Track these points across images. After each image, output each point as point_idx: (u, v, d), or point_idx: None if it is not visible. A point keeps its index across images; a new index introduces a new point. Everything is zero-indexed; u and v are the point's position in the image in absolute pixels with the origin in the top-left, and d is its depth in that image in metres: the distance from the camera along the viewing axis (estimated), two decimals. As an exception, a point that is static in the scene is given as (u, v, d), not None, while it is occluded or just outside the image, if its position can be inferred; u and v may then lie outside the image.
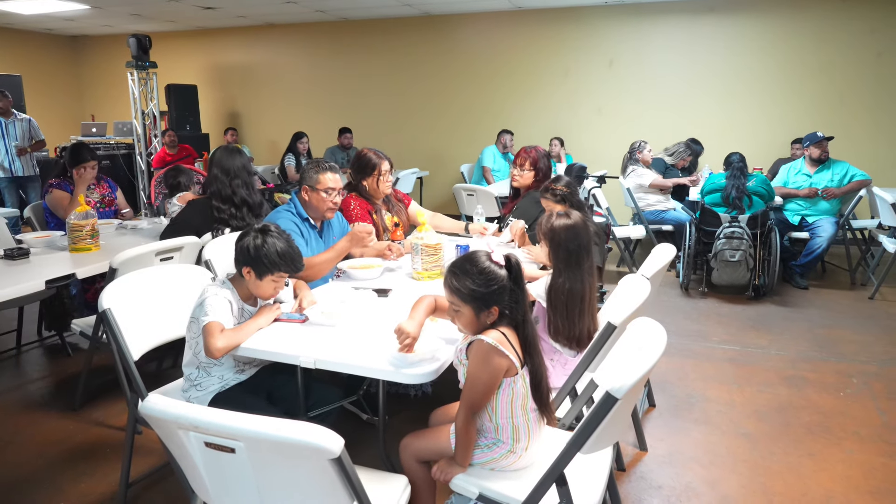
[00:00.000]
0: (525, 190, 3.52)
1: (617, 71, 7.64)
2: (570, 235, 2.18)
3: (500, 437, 1.75)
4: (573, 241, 2.16)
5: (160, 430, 1.31)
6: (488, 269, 1.68)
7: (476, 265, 1.69)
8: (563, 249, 2.19)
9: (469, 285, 1.67)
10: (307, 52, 9.15)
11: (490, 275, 1.67)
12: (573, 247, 2.15)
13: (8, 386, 3.39)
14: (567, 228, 2.19)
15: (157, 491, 2.43)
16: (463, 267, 1.71)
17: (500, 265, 1.69)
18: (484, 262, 1.69)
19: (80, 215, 3.14)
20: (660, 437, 2.81)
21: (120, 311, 2.07)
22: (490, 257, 1.71)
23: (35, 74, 9.30)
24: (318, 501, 1.30)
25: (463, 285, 1.68)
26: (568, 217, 2.21)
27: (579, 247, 2.16)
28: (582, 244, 2.17)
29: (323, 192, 2.67)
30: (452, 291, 1.71)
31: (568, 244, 2.16)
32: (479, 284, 1.67)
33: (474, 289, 1.67)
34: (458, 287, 1.69)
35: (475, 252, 1.75)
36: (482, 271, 1.68)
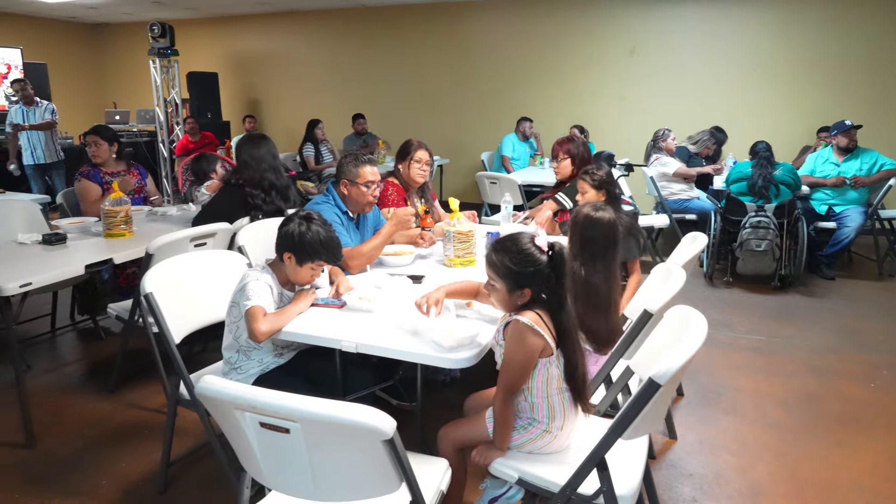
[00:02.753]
0: (569, 179, 3.54)
1: (639, 59, 7.57)
2: (589, 225, 2.19)
3: (536, 417, 1.77)
4: (592, 231, 2.16)
5: (215, 410, 1.35)
6: (527, 251, 1.70)
7: (516, 244, 1.73)
8: (580, 237, 2.20)
9: (506, 262, 1.71)
10: (326, 40, 9.15)
11: (528, 256, 1.70)
12: (589, 237, 2.16)
13: (45, 368, 3.47)
14: (588, 219, 2.19)
15: (194, 471, 2.49)
16: (504, 244, 1.75)
17: (542, 250, 1.71)
18: (525, 243, 1.72)
19: (114, 202, 3.20)
20: (689, 426, 2.82)
21: (160, 295, 2.11)
22: (533, 240, 1.73)
23: (60, 63, 9.40)
24: (369, 481, 1.33)
25: (500, 261, 1.72)
26: (595, 210, 2.21)
27: (596, 240, 2.16)
28: (601, 238, 2.17)
29: (363, 186, 2.68)
30: (490, 265, 1.75)
31: (585, 233, 2.17)
32: (515, 263, 1.70)
33: (510, 266, 1.70)
34: (496, 261, 1.73)
35: (520, 233, 1.78)
36: (521, 251, 1.71)
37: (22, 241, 3.10)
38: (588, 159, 3.50)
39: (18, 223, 3.58)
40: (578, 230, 2.23)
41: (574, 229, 2.23)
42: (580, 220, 2.24)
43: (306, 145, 7.30)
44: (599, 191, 2.87)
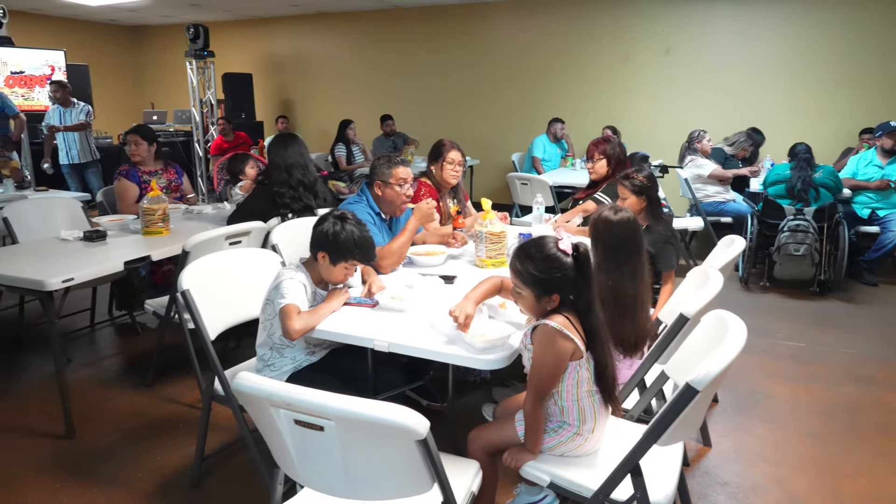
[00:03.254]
0: (604, 180, 3.51)
1: (675, 58, 7.45)
2: (609, 230, 2.15)
3: (566, 420, 1.75)
4: (612, 235, 2.12)
5: (251, 406, 1.36)
6: (552, 256, 1.68)
7: (541, 251, 1.70)
8: (602, 245, 2.15)
9: (531, 270, 1.68)
10: (356, 41, 9.22)
11: (554, 262, 1.67)
12: (611, 242, 2.12)
13: (84, 362, 3.56)
14: (607, 223, 2.15)
15: (227, 466, 2.52)
16: (528, 251, 1.72)
17: (566, 253, 1.68)
18: (550, 248, 1.69)
19: (152, 200, 3.26)
20: (724, 434, 2.76)
21: (197, 292, 2.14)
22: (557, 244, 1.70)
23: (101, 64, 9.65)
24: (402, 480, 1.33)
25: (525, 269, 1.69)
26: (614, 212, 2.17)
27: (618, 243, 2.12)
28: (623, 241, 2.12)
29: (397, 186, 2.69)
30: (515, 273, 1.73)
31: (607, 239, 2.13)
32: (541, 270, 1.67)
33: (536, 274, 1.67)
34: (521, 270, 1.70)
35: (543, 237, 1.75)
36: (546, 257, 1.68)
37: (64, 237, 3.19)
38: (624, 160, 3.46)
39: (61, 220, 3.69)
40: (599, 237, 2.18)
41: (595, 236, 2.19)
42: (599, 226, 2.19)
43: (338, 146, 7.37)
44: (640, 196, 2.82)
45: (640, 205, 2.85)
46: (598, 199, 3.42)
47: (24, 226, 3.54)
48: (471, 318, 1.87)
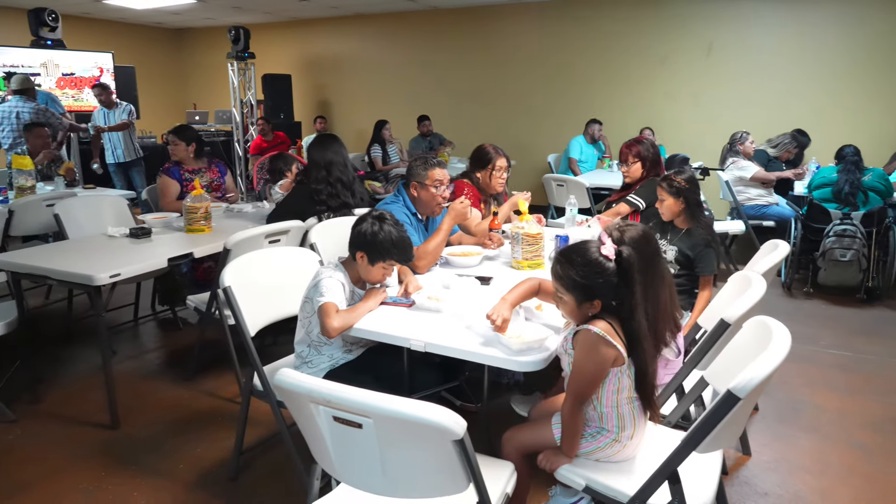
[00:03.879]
0: (638, 182, 3.47)
1: (716, 58, 7.30)
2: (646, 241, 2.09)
3: (605, 426, 1.74)
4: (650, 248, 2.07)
5: (291, 402, 1.38)
6: (594, 261, 1.66)
7: (582, 256, 1.68)
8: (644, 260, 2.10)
9: (572, 275, 1.66)
10: (394, 42, 9.28)
11: (595, 267, 1.65)
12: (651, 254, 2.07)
13: (129, 354, 3.67)
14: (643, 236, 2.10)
15: (264, 460, 2.57)
16: (569, 256, 1.70)
17: (608, 258, 1.66)
18: (592, 253, 1.67)
19: (195, 198, 3.34)
20: (764, 443, 2.69)
21: (237, 289, 2.19)
22: (600, 249, 1.68)
23: (146, 66, 9.93)
24: (438, 479, 1.33)
25: (567, 274, 1.68)
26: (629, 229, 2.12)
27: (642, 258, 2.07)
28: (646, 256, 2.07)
29: (433, 187, 2.71)
30: (556, 278, 1.72)
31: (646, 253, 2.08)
32: (583, 276, 1.65)
33: (577, 279, 1.66)
34: (562, 275, 1.69)
35: (586, 242, 1.73)
36: (587, 263, 1.66)
37: (111, 234, 3.29)
38: (658, 160, 3.41)
39: (108, 217, 3.80)
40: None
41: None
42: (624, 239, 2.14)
43: (374, 146, 7.43)
44: (678, 198, 2.77)
45: (679, 207, 2.81)
46: (632, 202, 3.37)
47: (73, 222, 3.66)
48: (507, 321, 1.87)
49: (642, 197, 3.38)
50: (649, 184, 3.38)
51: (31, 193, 4.39)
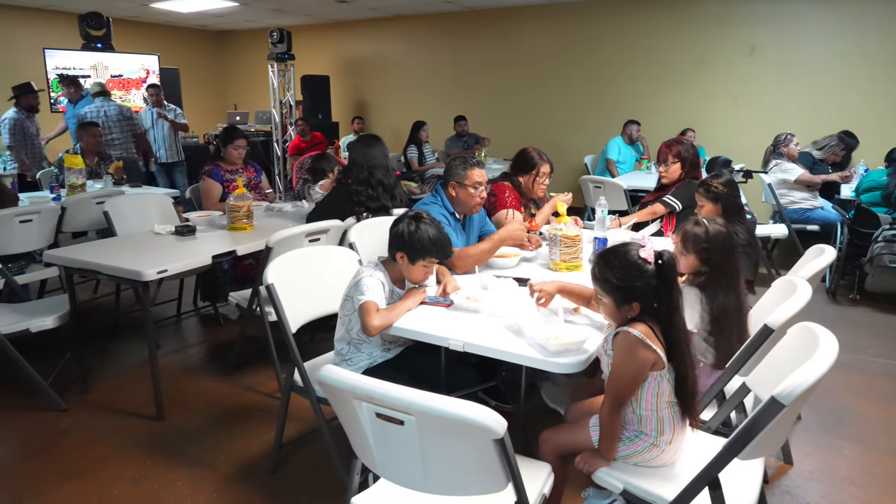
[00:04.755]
0: (676, 183, 3.43)
1: (759, 58, 7.14)
2: (721, 243, 2.08)
3: (644, 429, 1.73)
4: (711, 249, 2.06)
5: (334, 398, 1.41)
6: (633, 264, 1.65)
7: (621, 258, 1.68)
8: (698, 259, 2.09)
9: (611, 277, 1.67)
10: (431, 42, 9.32)
11: (634, 269, 1.65)
12: (710, 255, 2.06)
13: (172, 349, 3.78)
14: (719, 236, 2.08)
15: (303, 455, 2.62)
16: (608, 258, 1.71)
17: (647, 261, 1.66)
18: (631, 255, 1.67)
19: (238, 197, 3.43)
20: (807, 452, 2.63)
21: (280, 286, 2.23)
22: (639, 252, 1.68)
23: (189, 68, 10.18)
24: (477, 478, 1.35)
25: (605, 276, 1.68)
26: (707, 225, 2.10)
27: (719, 255, 2.06)
28: (722, 253, 2.06)
29: (471, 188, 2.72)
30: (596, 280, 1.72)
31: (705, 252, 2.06)
32: (621, 278, 1.65)
33: (616, 282, 1.66)
34: (601, 277, 1.70)
35: (626, 244, 1.73)
36: (626, 265, 1.66)
37: (158, 231, 3.40)
38: (697, 161, 3.36)
39: (154, 215, 3.92)
40: (694, 252, 2.12)
41: (690, 251, 2.13)
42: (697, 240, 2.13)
43: (410, 146, 7.48)
44: (716, 203, 2.74)
45: (716, 212, 2.77)
46: (668, 202, 3.33)
47: (121, 220, 3.78)
48: (550, 298, 1.93)
49: (679, 198, 3.33)
50: (687, 185, 3.33)
51: (81, 191, 4.56)
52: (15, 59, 8.23)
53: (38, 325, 2.93)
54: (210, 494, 2.36)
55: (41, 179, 5.49)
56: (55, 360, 3.25)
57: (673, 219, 3.38)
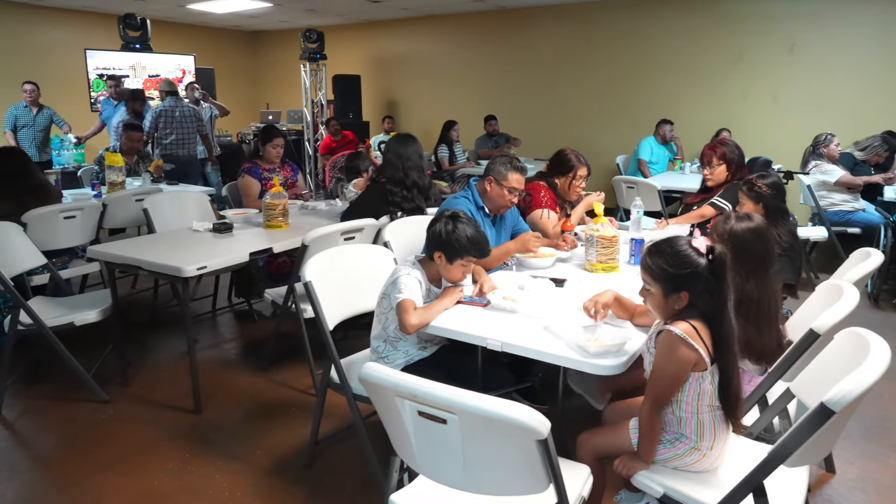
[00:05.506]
0: (721, 185, 3.37)
1: (799, 56, 6.97)
2: (756, 238, 2.05)
3: (684, 432, 1.71)
4: (760, 245, 2.02)
5: (376, 395, 1.42)
6: (683, 252, 1.66)
7: (672, 246, 1.69)
8: (750, 255, 2.06)
9: (661, 264, 1.67)
10: (462, 42, 9.32)
11: (684, 258, 1.65)
12: (760, 252, 2.02)
13: (208, 344, 3.85)
14: (752, 231, 2.05)
15: (338, 450, 2.65)
16: (659, 246, 1.71)
17: (699, 252, 1.65)
18: (681, 245, 1.68)
19: (274, 195, 3.47)
20: (850, 461, 2.57)
21: (317, 283, 2.26)
22: (690, 243, 1.68)
23: (224, 67, 10.35)
24: (519, 478, 1.35)
25: (655, 263, 1.68)
26: (750, 220, 2.08)
27: (767, 253, 2.02)
28: (757, 250, 2.03)
29: (506, 190, 2.72)
30: (645, 269, 1.72)
31: (754, 249, 2.03)
32: (672, 265, 1.65)
33: (666, 268, 1.66)
34: (650, 265, 1.70)
35: (676, 235, 1.74)
36: (676, 253, 1.66)
37: (196, 228, 3.46)
38: (742, 163, 3.29)
39: (191, 212, 4.00)
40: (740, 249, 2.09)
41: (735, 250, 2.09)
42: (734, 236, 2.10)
43: (441, 146, 7.49)
44: (757, 204, 2.68)
45: (758, 212, 2.71)
46: (717, 205, 3.27)
47: (160, 217, 3.86)
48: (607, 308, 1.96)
49: (728, 200, 3.27)
50: (734, 187, 3.27)
51: (121, 189, 4.67)
52: (58, 60, 8.48)
53: (81, 319, 3.01)
54: (247, 488, 2.40)
55: (82, 177, 5.64)
56: (96, 352, 3.34)
57: None
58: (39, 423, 2.91)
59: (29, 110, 6.41)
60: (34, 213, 3.38)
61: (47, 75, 8.21)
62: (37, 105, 6.46)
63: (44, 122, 6.54)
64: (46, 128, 6.56)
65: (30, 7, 8.26)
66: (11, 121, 6.40)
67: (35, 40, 8.42)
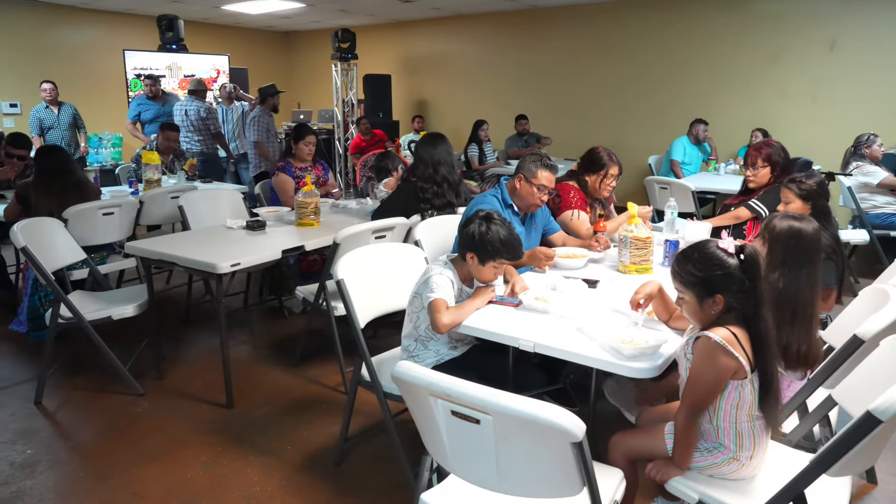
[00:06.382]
0: (764, 187, 3.30)
1: (840, 54, 6.78)
2: (792, 237, 2.00)
3: (722, 442, 1.67)
4: (795, 244, 1.97)
5: (409, 394, 1.42)
6: (712, 254, 1.63)
7: (700, 250, 1.66)
8: (782, 249, 2.01)
9: (690, 269, 1.64)
10: (493, 41, 9.29)
11: (714, 259, 1.62)
12: (810, 253, 1.97)
13: (239, 339, 3.90)
14: (804, 232, 2.00)
15: (367, 447, 2.66)
16: (687, 252, 1.69)
17: (728, 252, 1.62)
18: (710, 247, 1.65)
19: (306, 193, 3.50)
20: (892, 472, 2.48)
21: (349, 282, 2.26)
22: (717, 244, 1.65)
23: (257, 67, 10.48)
24: (552, 480, 1.33)
25: (685, 270, 1.65)
26: (798, 221, 2.02)
27: (800, 253, 1.97)
28: (805, 252, 1.97)
29: (536, 188, 2.70)
30: (675, 276, 1.70)
31: (788, 245, 1.98)
32: (702, 269, 1.62)
33: (696, 273, 1.63)
34: (681, 271, 1.67)
35: (704, 240, 1.71)
36: (705, 256, 1.63)
37: (230, 226, 3.51)
38: (788, 165, 3.21)
39: (224, 209, 4.06)
40: (774, 242, 2.05)
41: (770, 242, 2.05)
42: (772, 230, 2.05)
43: (471, 145, 7.49)
44: (806, 202, 2.62)
45: (804, 212, 2.64)
46: (754, 207, 3.20)
47: (194, 214, 3.93)
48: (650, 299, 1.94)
49: (766, 204, 3.19)
50: (775, 190, 3.20)
51: (157, 186, 4.77)
52: (98, 60, 8.69)
53: (119, 313, 3.08)
54: (278, 483, 2.42)
55: (120, 174, 5.77)
56: (131, 346, 3.41)
57: (758, 225, 3.25)
58: (78, 415, 2.99)
59: (50, 110, 6.49)
60: (74, 210, 3.47)
61: (86, 75, 8.43)
62: (56, 104, 6.54)
63: (67, 119, 6.58)
64: (71, 124, 6.63)
65: (71, 9, 8.49)
66: (37, 124, 6.51)
67: (75, 42, 8.65)
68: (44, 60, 8.26)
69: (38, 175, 3.69)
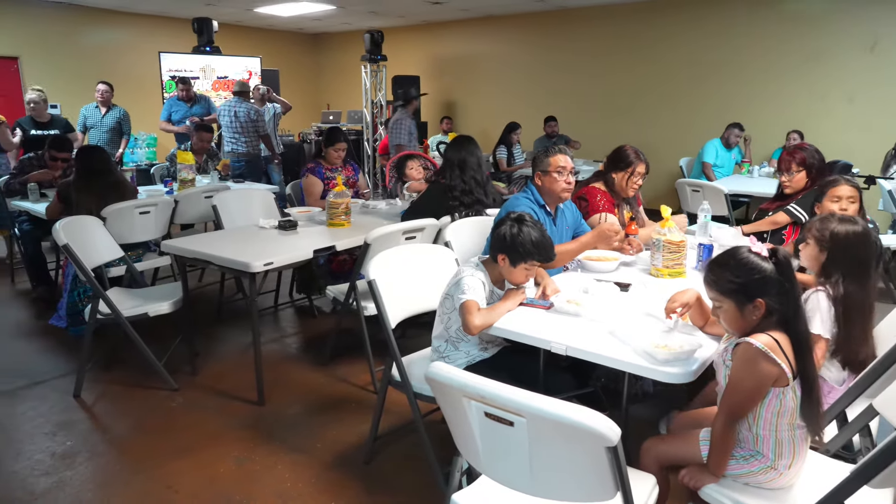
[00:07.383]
0: (800, 192, 3.24)
1: (881, 55, 6.61)
2: (860, 242, 1.96)
3: (760, 450, 1.64)
4: (863, 249, 1.93)
5: (441, 394, 1.43)
6: (747, 259, 1.61)
7: (734, 257, 1.64)
8: (853, 257, 1.97)
9: (728, 276, 1.62)
10: (522, 42, 9.26)
11: (749, 265, 1.60)
12: (863, 256, 1.93)
13: (270, 337, 3.96)
14: (857, 235, 1.96)
15: (396, 447, 2.68)
16: (721, 260, 1.67)
17: (762, 256, 1.61)
18: (743, 253, 1.64)
19: (337, 194, 3.54)
20: (934, 483, 2.41)
21: (380, 282, 2.28)
22: (750, 249, 1.63)
23: (288, 68, 10.62)
24: (586, 484, 1.33)
25: (722, 277, 1.63)
26: (854, 222, 1.99)
27: (868, 257, 1.93)
28: (871, 255, 1.93)
29: (555, 173, 2.70)
30: (711, 286, 1.67)
31: (857, 252, 1.94)
32: (738, 275, 1.61)
33: (734, 280, 1.61)
34: (717, 280, 1.65)
35: (736, 247, 1.69)
36: (740, 262, 1.62)
37: (262, 225, 3.56)
38: (824, 168, 3.14)
39: (257, 209, 4.12)
40: (841, 250, 2.00)
41: (836, 251, 2.01)
42: (837, 237, 2.01)
43: (500, 147, 7.49)
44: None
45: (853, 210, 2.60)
46: (793, 212, 3.13)
47: (227, 213, 3.99)
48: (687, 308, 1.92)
49: (805, 208, 3.13)
50: (812, 194, 3.13)
51: (191, 186, 4.86)
52: (134, 62, 8.90)
53: (155, 310, 3.15)
54: (308, 480, 2.45)
55: (155, 174, 5.90)
56: (165, 342, 3.48)
57: (797, 230, 3.19)
58: (115, 408, 3.06)
59: (98, 111, 6.63)
60: (112, 209, 3.55)
61: (123, 77, 8.62)
62: (107, 105, 6.66)
63: (111, 123, 6.66)
64: (114, 128, 6.71)
65: (109, 12, 8.70)
66: (82, 121, 6.67)
67: (113, 44, 8.87)
68: (82, 63, 8.49)
69: (79, 175, 3.80)
